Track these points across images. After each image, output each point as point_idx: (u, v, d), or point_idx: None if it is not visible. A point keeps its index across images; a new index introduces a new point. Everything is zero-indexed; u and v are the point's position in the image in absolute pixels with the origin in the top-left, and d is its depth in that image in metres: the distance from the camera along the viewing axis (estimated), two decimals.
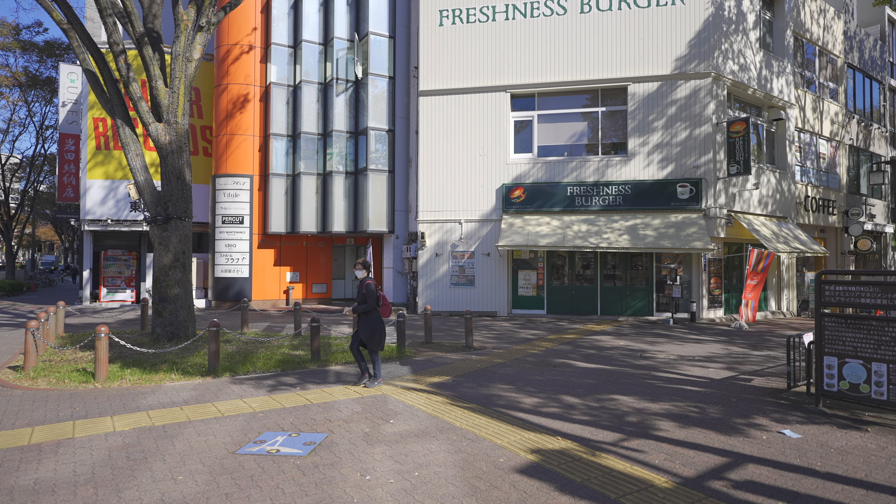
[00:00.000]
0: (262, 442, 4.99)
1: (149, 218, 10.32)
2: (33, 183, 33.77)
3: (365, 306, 6.98)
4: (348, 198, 18.46)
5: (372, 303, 6.97)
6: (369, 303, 6.98)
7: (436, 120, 17.19)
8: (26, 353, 7.90)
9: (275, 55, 18.95)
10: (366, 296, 6.99)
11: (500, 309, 16.57)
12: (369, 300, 6.98)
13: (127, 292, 20.86)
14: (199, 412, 5.97)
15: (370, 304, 6.97)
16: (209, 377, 7.74)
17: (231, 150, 18.88)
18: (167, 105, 10.10)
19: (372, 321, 7.02)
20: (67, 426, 5.45)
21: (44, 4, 10.05)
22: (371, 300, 6.98)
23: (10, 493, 3.90)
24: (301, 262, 20.14)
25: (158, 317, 10.16)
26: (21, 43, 28.32)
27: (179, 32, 10.16)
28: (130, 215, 19.53)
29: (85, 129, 19.54)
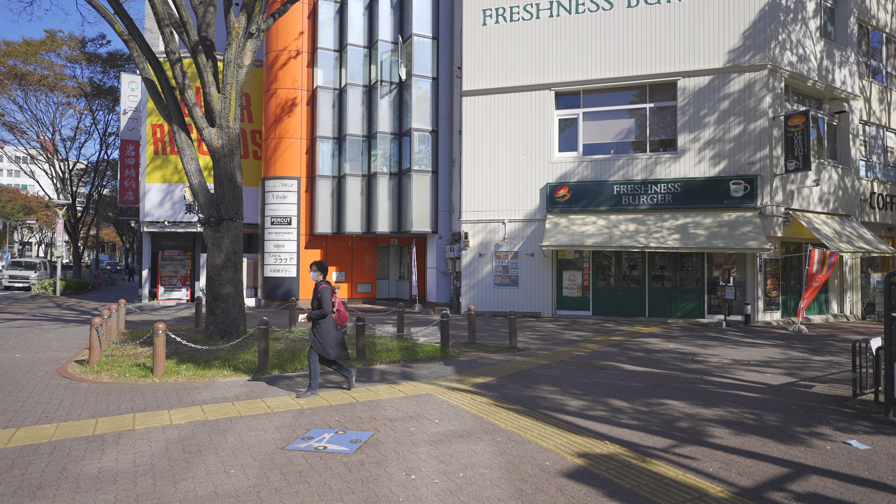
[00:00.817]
0: (309, 438, 5.08)
1: (202, 219, 10.71)
2: (97, 187, 35.69)
3: (318, 312, 6.51)
4: (392, 198, 18.65)
5: (326, 308, 6.51)
6: (323, 308, 6.51)
7: (479, 120, 17.15)
8: (91, 349, 8.34)
9: (321, 59, 19.35)
10: (319, 300, 6.52)
11: (544, 310, 16.36)
12: (323, 305, 6.50)
13: (182, 291, 21.74)
14: (250, 408, 6.14)
15: (324, 309, 6.50)
16: (259, 374, 7.95)
17: (279, 153, 19.39)
18: (220, 110, 10.45)
19: (323, 328, 6.57)
20: (128, 418, 5.71)
21: (107, 17, 10.59)
22: (325, 305, 6.51)
23: (76, 480, 4.11)
24: (346, 262, 20.47)
25: (211, 315, 10.53)
26: (86, 55, 29.98)
27: (231, 40, 10.50)
28: (185, 217, 20.34)
29: (144, 136, 20.48)
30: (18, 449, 4.78)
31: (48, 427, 5.42)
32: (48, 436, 5.14)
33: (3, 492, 3.89)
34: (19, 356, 9.38)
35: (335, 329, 6.67)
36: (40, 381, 7.50)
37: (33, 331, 12.73)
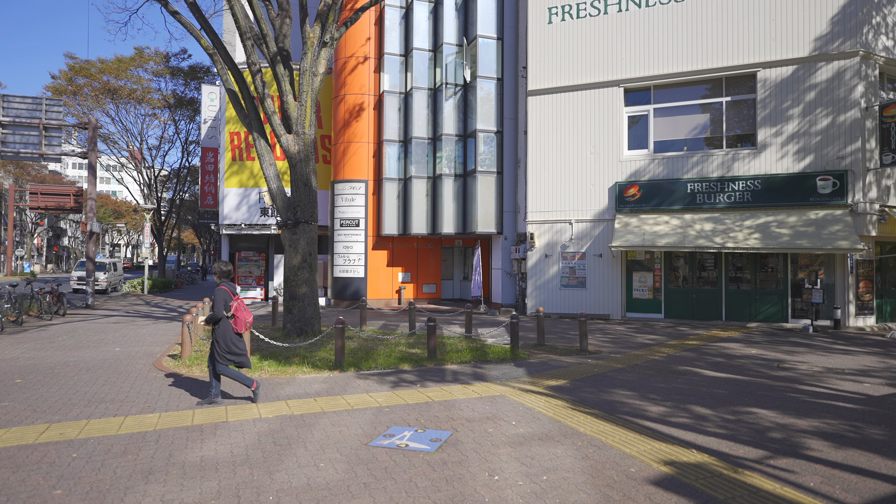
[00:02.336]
0: (391, 436, 5.21)
1: (280, 222, 11.20)
2: (179, 192, 38.04)
3: (211, 315, 6.19)
4: (457, 200, 18.77)
5: (218, 311, 6.12)
6: (215, 311, 6.14)
7: (545, 119, 16.97)
8: (183, 344, 8.91)
9: (387, 64, 19.75)
10: (213, 304, 6.19)
11: (613, 312, 15.96)
12: (215, 308, 6.14)
13: (257, 290, 22.81)
14: (331, 404, 6.37)
15: (216, 313, 6.14)
16: (336, 371, 8.23)
17: (348, 157, 19.96)
18: (296, 117, 10.90)
19: (218, 333, 6.21)
20: (221, 411, 6.07)
21: (193, 33, 11.28)
22: (215, 309, 6.14)
23: (182, 467, 4.41)
24: (412, 263, 20.79)
25: (289, 313, 10.99)
26: (170, 69, 32.03)
27: (306, 49, 10.92)
28: (260, 220, 21.32)
29: (222, 143, 21.65)
30: (128, 436, 5.19)
31: (152, 416, 5.84)
32: (152, 425, 5.54)
33: (121, 475, 4.24)
34: (119, 350, 10.16)
35: (232, 334, 6.22)
36: (139, 373, 8.09)
37: (128, 326, 13.74)
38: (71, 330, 12.97)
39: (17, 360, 9.12)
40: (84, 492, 3.93)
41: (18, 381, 7.53)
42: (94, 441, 5.03)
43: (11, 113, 19.27)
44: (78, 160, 74.09)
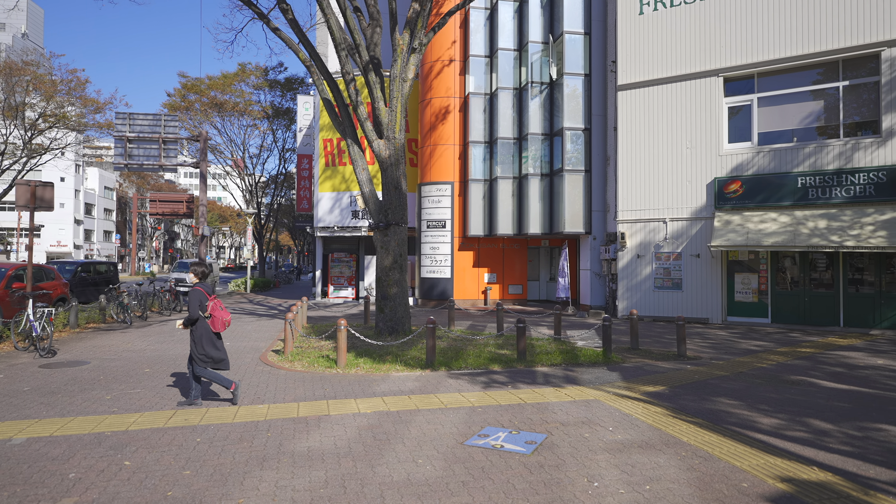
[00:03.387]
0: (485, 436, 5.24)
1: (372, 224, 11.61)
2: (277, 197, 40.48)
3: (187, 317, 6.14)
4: (544, 199, 18.52)
5: (193, 312, 6.08)
6: (190, 313, 6.10)
7: (636, 114, 16.33)
8: (285, 340, 9.48)
9: (472, 66, 19.88)
10: (189, 305, 6.15)
11: (713, 315, 15.05)
12: (190, 309, 6.10)
13: (349, 290, 23.77)
14: (425, 402, 6.51)
15: (191, 314, 6.09)
16: (428, 370, 8.40)
17: (434, 160, 20.30)
18: (387, 123, 11.25)
19: (195, 335, 6.16)
20: (323, 404, 6.39)
21: (292, 47, 11.96)
22: (190, 310, 6.09)
23: (292, 456, 4.70)
24: (497, 264, 20.77)
25: (381, 313, 11.36)
26: (268, 82, 34.19)
27: (396, 56, 11.25)
28: (351, 222, 22.19)
29: (316, 150, 22.78)
30: (243, 424, 5.60)
31: (261, 407, 6.27)
32: (263, 415, 5.94)
33: (239, 460, 4.59)
34: (229, 345, 10.96)
35: (210, 335, 6.19)
36: (248, 367, 8.70)
37: (235, 323, 14.81)
38: None
39: (144, 351, 10.12)
40: (209, 473, 4.29)
41: (147, 370, 8.35)
42: (214, 428, 5.47)
43: (136, 129, 21.42)
44: (189, 169, 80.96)
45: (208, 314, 6.16)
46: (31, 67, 29.68)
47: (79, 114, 31.03)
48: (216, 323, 6.16)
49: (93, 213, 65.21)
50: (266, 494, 3.93)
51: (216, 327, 6.16)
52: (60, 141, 31.77)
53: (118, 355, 9.62)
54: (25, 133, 29.10)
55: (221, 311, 6.22)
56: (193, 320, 6.09)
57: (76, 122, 31.19)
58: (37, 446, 4.89)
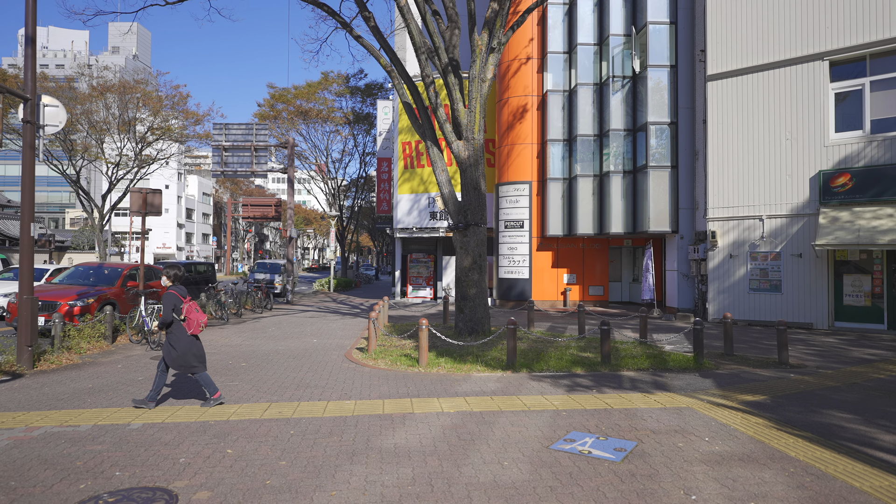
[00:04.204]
0: (571, 441, 5.11)
1: (451, 225, 11.69)
2: (358, 200, 41.83)
3: (161, 320, 6.07)
4: (626, 198, 17.86)
5: (167, 316, 6.01)
6: (164, 316, 6.03)
7: (728, 105, 15.36)
8: (369, 338, 9.76)
9: (550, 63, 19.54)
10: (162, 307, 6.08)
11: (818, 320, 13.85)
12: (164, 312, 6.02)
13: (427, 290, 24.11)
14: (508, 403, 6.45)
15: (164, 317, 6.02)
16: (509, 371, 8.33)
17: (511, 159, 20.15)
18: (466, 124, 11.30)
19: (172, 337, 6.10)
20: (407, 402, 6.50)
21: (373, 53, 12.30)
22: (165, 313, 6.01)
23: (379, 452, 4.81)
24: (577, 264, 20.28)
25: (460, 313, 11.41)
26: (349, 89, 35.42)
27: (475, 57, 11.27)
28: (429, 223, 22.50)
29: (395, 153, 23.30)
30: (332, 419, 5.81)
31: (349, 403, 6.47)
32: (350, 411, 6.14)
33: (330, 454, 4.76)
34: (316, 342, 11.47)
35: (187, 338, 6.12)
36: (334, 363, 9.03)
37: (321, 321, 15.45)
38: (277, 322, 14.98)
39: (240, 346, 10.78)
40: (303, 465, 4.49)
41: (243, 364, 8.88)
42: (306, 421, 5.72)
43: (231, 138, 22.91)
44: (277, 175, 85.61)
45: (183, 317, 6.11)
46: (141, 85, 32.56)
47: (181, 126, 33.67)
48: (191, 325, 6.10)
49: (193, 217, 70.56)
50: (357, 488, 4.05)
51: (191, 329, 6.10)
52: (165, 151, 34.62)
53: (218, 350, 10.31)
54: (136, 145, 31.96)
55: (196, 313, 6.17)
56: (168, 323, 6.05)
57: (179, 133, 33.86)
58: (151, 431, 5.33)
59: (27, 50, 8.48)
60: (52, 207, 74.48)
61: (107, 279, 13.44)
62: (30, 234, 8.45)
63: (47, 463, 4.48)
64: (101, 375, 7.93)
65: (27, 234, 8.44)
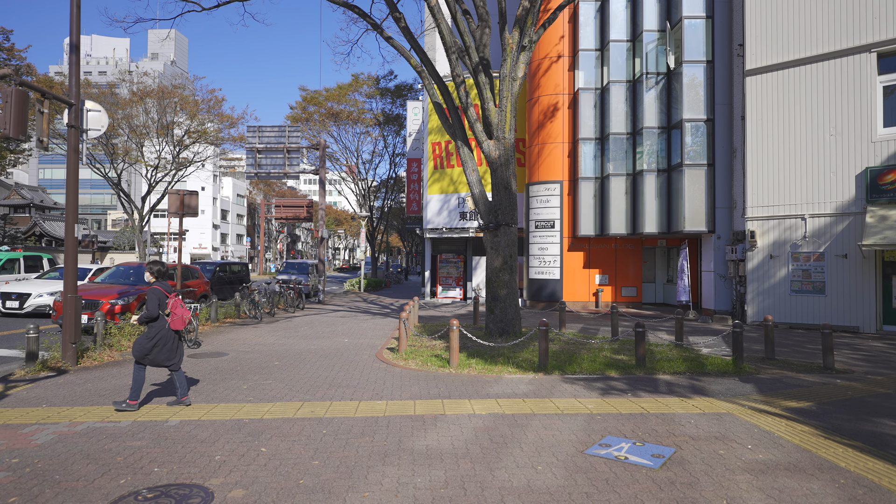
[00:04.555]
0: (607, 446, 4.99)
1: (482, 225, 11.61)
2: (387, 200, 42.10)
3: (145, 315, 6.01)
4: (660, 197, 17.47)
5: (152, 311, 5.96)
6: (149, 311, 5.97)
7: (767, 100, 14.87)
8: (400, 339, 9.77)
9: (582, 61, 19.27)
10: (147, 303, 6.01)
11: (864, 324, 13.28)
12: (149, 308, 5.97)
13: (456, 290, 24.07)
14: (540, 406, 6.35)
15: (149, 312, 5.97)
16: (541, 373, 8.22)
17: (542, 159, 19.95)
18: (496, 123, 11.21)
19: (153, 332, 6.04)
20: (438, 403, 6.47)
21: (403, 53, 12.32)
22: (149, 308, 5.96)
23: (412, 453, 4.78)
24: (609, 265, 19.94)
25: (491, 314, 11.33)
26: (380, 90, 35.66)
27: (506, 56, 11.17)
28: (459, 224, 22.45)
29: (425, 153, 23.33)
30: (364, 419, 5.82)
31: (380, 403, 6.48)
32: (382, 411, 6.14)
33: (362, 454, 4.76)
34: (347, 341, 11.55)
35: (166, 333, 6.07)
36: (365, 363, 9.07)
37: (352, 320, 15.56)
38: (309, 322, 15.15)
39: (273, 345, 10.93)
40: (335, 465, 4.49)
41: (276, 363, 9.00)
42: (338, 421, 5.74)
43: (264, 140, 23.32)
44: (308, 176, 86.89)
45: (168, 311, 6.10)
46: (179, 90, 33.46)
47: (216, 129, 34.49)
48: (176, 321, 6.08)
49: (227, 218, 72.22)
50: (389, 490, 4.03)
51: (175, 325, 6.08)
52: (201, 154, 35.51)
53: (252, 348, 10.48)
54: (174, 148, 32.87)
55: (182, 308, 6.17)
56: (153, 318, 6.01)
57: (214, 136, 34.69)
58: (188, 429, 5.42)
59: (71, 57, 8.77)
60: (94, 209, 77.29)
61: (145, 278, 13.83)
62: (74, 235, 8.74)
63: (89, 458, 4.60)
64: None
65: (71, 234, 8.73)
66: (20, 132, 7.64)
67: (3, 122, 7.56)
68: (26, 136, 7.76)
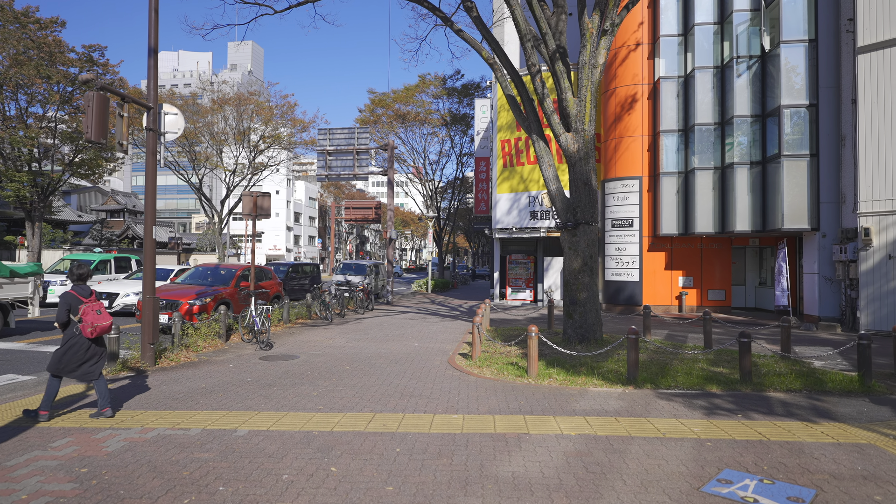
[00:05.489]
0: (727, 482, 4.21)
1: (559, 224, 10.88)
2: (454, 201, 41.80)
3: (55, 319, 5.69)
4: (753, 191, 15.95)
5: (60, 317, 5.63)
6: (57, 317, 5.65)
7: (883, 80, 13.16)
8: (473, 344, 9.23)
9: (663, 48, 18.00)
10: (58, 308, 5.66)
11: None
12: (57, 314, 5.63)
13: (526, 292, 23.28)
14: (637, 427, 5.61)
15: (57, 317, 5.65)
16: (630, 387, 7.42)
17: (619, 154, 18.83)
18: (575, 114, 10.45)
19: (64, 340, 5.69)
20: (519, 420, 5.86)
21: (475, 46, 11.80)
22: (58, 314, 5.63)
23: (496, 482, 4.22)
24: (694, 266, 18.51)
25: (569, 318, 10.57)
26: (446, 90, 35.39)
27: (585, 42, 10.39)
28: (529, 223, 21.66)
29: (494, 151, 22.72)
30: (440, 437, 5.31)
31: (456, 417, 5.96)
32: (458, 427, 5.61)
33: (440, 480, 4.24)
34: (417, 345, 11.15)
35: (77, 341, 5.65)
36: (437, 370, 8.60)
37: (421, 323, 15.21)
38: (379, 324, 14.94)
39: (343, 348, 10.71)
40: (411, 493, 4.00)
41: (346, 368, 8.71)
42: (412, 437, 5.26)
43: (334, 142, 23.55)
44: (376, 179, 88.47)
45: (79, 318, 5.65)
46: (254, 96, 34.70)
47: (289, 134, 35.49)
48: (84, 328, 5.64)
49: (300, 220, 74.72)
50: None
51: (85, 333, 5.65)
52: (275, 158, 36.66)
53: (322, 351, 10.29)
54: (250, 153, 34.11)
55: (96, 315, 5.70)
56: (62, 324, 5.69)
57: (287, 140, 35.71)
58: (256, 440, 5.13)
59: (149, 61, 8.87)
60: (180, 213, 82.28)
61: (222, 279, 14.10)
62: (152, 237, 8.84)
63: (156, 471, 4.37)
64: (214, 375, 8.06)
65: (150, 236, 8.83)
66: (101, 136, 7.75)
67: (85, 127, 7.70)
68: (107, 140, 7.88)
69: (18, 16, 24.34)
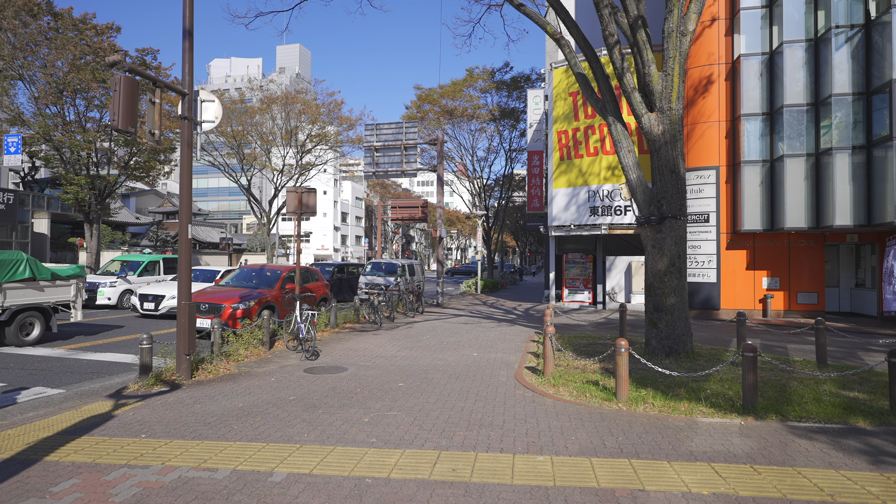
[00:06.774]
0: None
1: (640, 219, 9.47)
2: (503, 199, 40.40)
3: None
4: (856, 180, 13.96)
5: None
6: None
7: None
8: (546, 358, 7.96)
9: (744, 22, 16.14)
10: None
11: None
12: None
13: (584, 293, 21.74)
14: (788, 483, 4.23)
15: None
16: (749, 417, 6.00)
17: (693, 142, 17.08)
18: (660, 91, 9.02)
19: None
20: (625, 466, 4.59)
21: (538, 21, 10.51)
22: None
23: None
24: (781, 266, 16.56)
25: (653, 328, 9.15)
26: (495, 83, 34.07)
27: (672, 6, 8.94)
28: (589, 220, 20.11)
29: (550, 143, 21.26)
30: (526, 491, 4.10)
31: (542, 461, 4.73)
32: (548, 476, 4.39)
33: None
34: (476, 356, 9.97)
35: None
36: (506, 388, 7.39)
37: (476, 328, 14.02)
38: (431, 329, 13.85)
39: (395, 358, 9.65)
40: None
41: (401, 384, 7.62)
42: (492, 493, 4.08)
43: (381, 138, 22.67)
44: (421, 178, 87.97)
45: None
46: (301, 95, 34.40)
47: (336, 132, 35.01)
48: None
49: (347, 220, 74.94)
50: None
51: None
52: (322, 158, 36.29)
53: (372, 362, 9.26)
54: (297, 153, 33.82)
55: None
56: None
57: (334, 139, 35.26)
58: (296, 490, 4.07)
59: (184, 43, 8.05)
60: (232, 214, 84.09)
61: (267, 281, 13.34)
62: (187, 236, 8.01)
63: None
64: (254, 391, 7.14)
65: (185, 235, 8.00)
66: (129, 124, 6.93)
67: (112, 113, 6.91)
68: (136, 129, 7.06)
69: (77, 23, 24.71)
